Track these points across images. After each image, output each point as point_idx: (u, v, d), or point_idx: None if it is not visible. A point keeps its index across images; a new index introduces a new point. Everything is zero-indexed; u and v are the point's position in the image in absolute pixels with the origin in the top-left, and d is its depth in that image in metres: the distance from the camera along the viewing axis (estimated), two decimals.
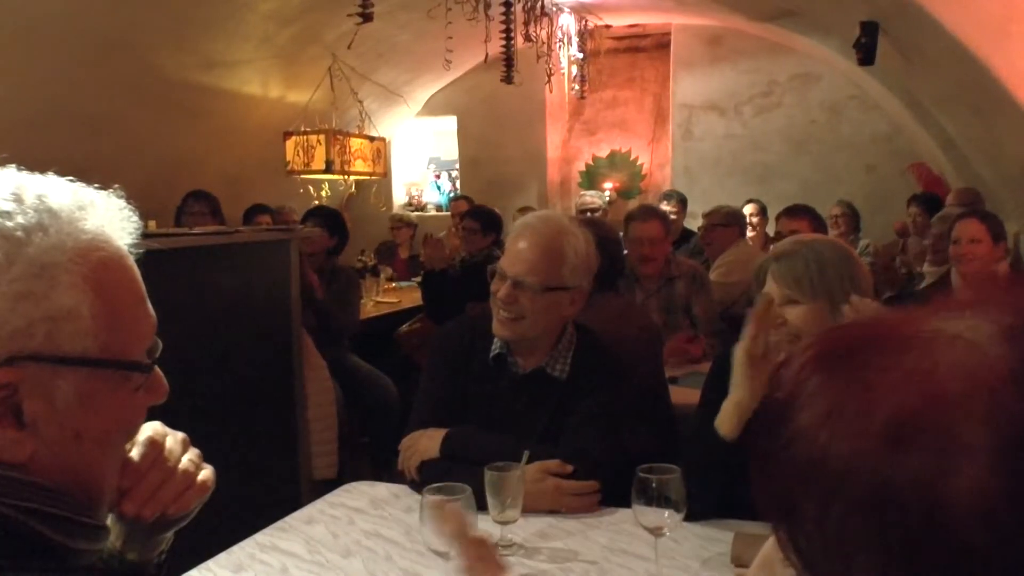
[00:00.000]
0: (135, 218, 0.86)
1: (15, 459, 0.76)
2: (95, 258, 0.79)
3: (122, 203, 0.85)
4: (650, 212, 4.18)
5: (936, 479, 0.41)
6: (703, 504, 1.83)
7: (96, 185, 0.86)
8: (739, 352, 1.86)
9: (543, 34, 6.59)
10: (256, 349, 3.38)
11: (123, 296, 0.83)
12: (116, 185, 0.87)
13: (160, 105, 5.72)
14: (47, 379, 0.76)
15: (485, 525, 1.72)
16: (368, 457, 4.59)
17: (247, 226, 4.95)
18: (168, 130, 5.97)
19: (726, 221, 5.23)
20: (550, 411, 2.14)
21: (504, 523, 1.81)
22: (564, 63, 7.45)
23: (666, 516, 1.62)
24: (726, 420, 1.87)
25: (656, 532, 1.65)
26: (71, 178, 0.84)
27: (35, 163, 0.85)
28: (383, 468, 4.13)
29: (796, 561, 0.49)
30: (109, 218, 0.83)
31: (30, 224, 0.76)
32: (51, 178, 0.82)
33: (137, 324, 0.85)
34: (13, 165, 0.83)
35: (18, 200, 0.77)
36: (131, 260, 0.85)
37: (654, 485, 1.63)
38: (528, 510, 1.84)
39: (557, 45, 7.14)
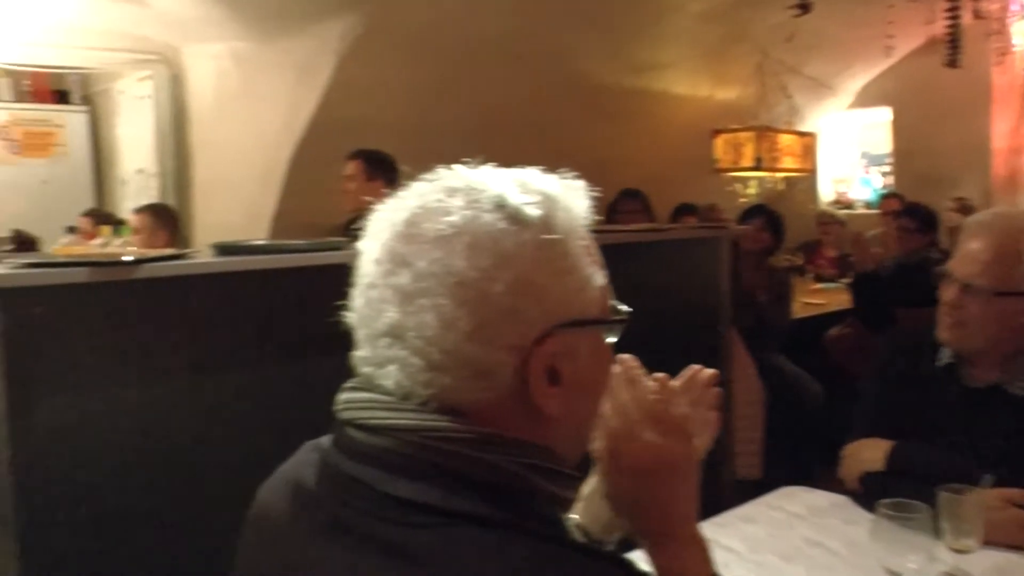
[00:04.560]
0: (587, 198, 0.94)
1: (551, 411, 0.86)
2: (586, 231, 0.91)
3: (576, 183, 0.94)
4: None
5: None
6: None
7: None
8: None
9: (995, 8, 5.95)
10: (683, 346, 3.43)
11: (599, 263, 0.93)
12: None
13: (592, 109, 6.05)
14: (574, 342, 0.87)
15: (937, 551, 1.59)
16: (788, 460, 4.47)
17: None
18: (599, 132, 6.29)
19: None
20: (1009, 433, 1.92)
21: (960, 552, 1.66)
22: (1019, 40, 6.68)
23: None
24: None
25: None
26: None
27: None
28: (803, 473, 4.00)
29: None
30: (576, 196, 0.92)
31: (547, 211, 0.87)
32: (514, 170, 0.92)
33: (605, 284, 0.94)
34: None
35: (528, 190, 0.87)
36: None
37: None
38: (986, 541, 1.67)
39: (1011, 19, 6.41)
